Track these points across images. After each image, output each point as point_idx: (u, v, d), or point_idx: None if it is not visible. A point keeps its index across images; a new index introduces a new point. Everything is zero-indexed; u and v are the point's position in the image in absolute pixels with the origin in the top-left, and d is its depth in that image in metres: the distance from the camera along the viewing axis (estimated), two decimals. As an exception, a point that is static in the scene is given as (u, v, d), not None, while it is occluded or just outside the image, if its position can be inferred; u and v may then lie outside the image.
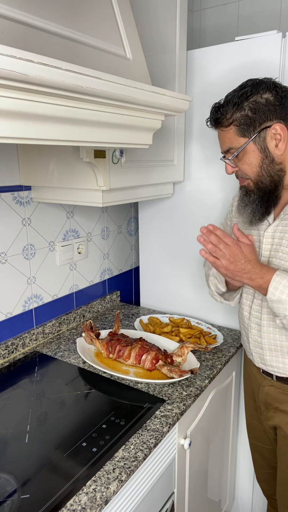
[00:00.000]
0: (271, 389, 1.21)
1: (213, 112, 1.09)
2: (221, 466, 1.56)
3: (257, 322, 1.17)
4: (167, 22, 1.38)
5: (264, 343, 1.16)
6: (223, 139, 1.10)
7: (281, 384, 1.18)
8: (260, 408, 1.28)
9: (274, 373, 1.18)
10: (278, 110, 1.02)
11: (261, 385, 1.24)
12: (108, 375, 1.27)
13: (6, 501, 0.83)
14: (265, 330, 1.16)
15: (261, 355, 1.19)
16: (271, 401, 1.22)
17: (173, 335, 1.53)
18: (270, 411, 1.23)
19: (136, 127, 1.01)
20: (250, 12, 1.91)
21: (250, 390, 1.33)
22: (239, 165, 1.09)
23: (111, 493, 0.86)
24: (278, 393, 1.19)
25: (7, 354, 1.39)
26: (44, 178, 1.33)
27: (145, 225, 1.80)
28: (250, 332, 1.21)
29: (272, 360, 1.16)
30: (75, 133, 0.84)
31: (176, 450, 1.17)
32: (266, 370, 1.20)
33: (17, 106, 0.70)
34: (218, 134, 1.13)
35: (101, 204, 1.26)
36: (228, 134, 1.08)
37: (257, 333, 1.18)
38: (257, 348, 1.19)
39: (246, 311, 1.23)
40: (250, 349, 1.22)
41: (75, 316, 1.68)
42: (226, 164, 1.13)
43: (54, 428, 1.05)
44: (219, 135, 1.12)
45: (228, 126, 1.07)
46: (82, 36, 0.90)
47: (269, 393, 1.22)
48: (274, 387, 1.20)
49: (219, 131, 1.11)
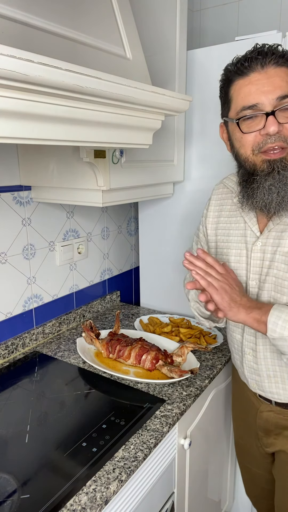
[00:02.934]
0: (270, 414, 1.11)
1: (274, 47, 0.87)
2: (221, 466, 1.56)
3: (252, 347, 1.05)
4: (167, 22, 1.38)
5: (262, 370, 1.05)
6: (284, 80, 0.85)
7: (281, 409, 1.08)
8: (257, 434, 1.17)
9: (273, 399, 1.08)
10: None
11: (258, 411, 1.14)
12: (108, 375, 1.27)
13: (6, 501, 0.83)
14: (261, 356, 1.04)
15: (259, 382, 1.08)
16: (272, 427, 1.12)
17: (173, 335, 1.53)
18: (271, 438, 1.13)
19: (136, 127, 1.01)
20: (250, 12, 1.91)
21: (243, 413, 1.23)
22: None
23: (111, 493, 0.86)
24: (279, 419, 1.09)
25: (7, 354, 1.39)
26: (44, 178, 1.33)
27: (145, 225, 1.80)
28: (244, 357, 1.09)
29: (272, 386, 1.05)
30: (75, 133, 0.84)
31: (176, 450, 1.17)
32: (264, 396, 1.09)
33: (17, 106, 0.70)
34: (267, 75, 0.86)
35: (101, 204, 1.26)
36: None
37: (252, 359, 1.06)
38: (253, 374, 1.08)
39: (238, 333, 1.10)
40: (245, 374, 1.11)
41: (75, 316, 1.68)
42: (269, 120, 0.85)
43: (54, 428, 1.05)
44: (274, 75, 0.86)
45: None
46: (82, 36, 0.90)
47: (268, 419, 1.12)
48: (274, 412, 1.10)
49: (275, 71, 0.86)
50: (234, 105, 0.92)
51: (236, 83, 0.90)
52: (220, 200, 1.16)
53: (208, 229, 1.17)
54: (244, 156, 0.93)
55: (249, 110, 0.88)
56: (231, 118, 0.93)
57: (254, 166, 0.92)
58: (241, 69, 0.88)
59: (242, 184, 0.98)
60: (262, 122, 0.87)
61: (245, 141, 0.91)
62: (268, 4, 1.85)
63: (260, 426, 1.16)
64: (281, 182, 0.89)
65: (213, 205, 1.17)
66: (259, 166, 0.91)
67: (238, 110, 0.90)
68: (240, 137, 0.92)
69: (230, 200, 1.12)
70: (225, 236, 1.10)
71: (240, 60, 0.89)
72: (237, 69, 0.89)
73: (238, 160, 0.97)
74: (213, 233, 1.15)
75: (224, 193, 1.15)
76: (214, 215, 1.16)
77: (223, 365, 1.36)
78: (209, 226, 1.16)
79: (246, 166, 0.94)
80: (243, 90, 0.88)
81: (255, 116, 0.87)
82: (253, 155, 0.91)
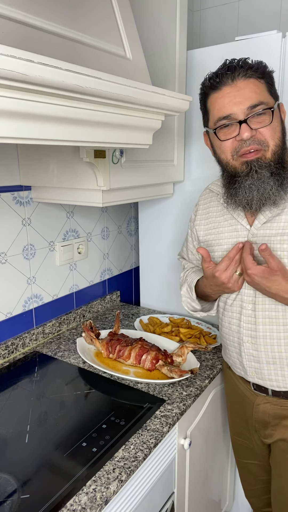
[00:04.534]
0: (267, 406, 1.14)
1: (242, 61, 0.95)
2: (221, 466, 1.56)
3: (251, 334, 1.09)
4: (167, 22, 1.38)
5: (261, 356, 1.08)
6: (253, 91, 0.94)
7: (278, 399, 1.11)
8: (254, 427, 1.20)
9: (271, 388, 1.10)
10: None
11: (254, 404, 1.16)
12: (108, 375, 1.27)
13: (6, 501, 0.83)
14: (261, 342, 1.07)
15: (258, 369, 1.10)
16: (269, 419, 1.14)
17: (173, 335, 1.53)
18: (268, 429, 1.16)
19: (136, 127, 1.01)
20: (250, 12, 1.91)
21: (239, 409, 1.25)
22: (263, 129, 0.95)
23: (111, 493, 0.86)
24: (276, 409, 1.12)
25: (7, 354, 1.39)
26: (44, 178, 1.33)
27: (145, 225, 1.80)
28: (242, 346, 1.12)
29: (271, 373, 1.08)
30: (75, 133, 0.84)
31: (176, 450, 1.17)
32: (262, 385, 1.12)
33: (17, 106, 0.70)
34: (237, 88, 0.94)
35: (101, 204, 1.26)
36: (260, 86, 0.95)
37: (251, 346, 1.09)
38: (252, 362, 1.11)
39: (234, 324, 1.13)
40: (244, 364, 1.13)
41: (75, 316, 1.68)
42: (242, 127, 0.94)
43: (54, 428, 1.05)
44: (244, 87, 0.94)
45: (261, 78, 0.95)
46: (82, 36, 0.90)
47: (265, 411, 1.14)
48: (271, 404, 1.13)
49: (244, 83, 0.94)
50: (211, 116, 1.01)
51: (211, 97, 1.00)
52: (207, 203, 1.23)
53: (197, 231, 1.23)
54: (225, 160, 1.02)
55: (224, 120, 0.97)
56: (210, 128, 1.03)
57: (235, 169, 1.01)
58: (214, 84, 0.98)
59: (226, 185, 1.06)
60: (237, 130, 0.96)
61: (224, 147, 1.00)
62: (268, 4, 1.85)
63: (257, 419, 1.17)
64: (259, 180, 0.97)
65: (200, 209, 1.24)
66: (239, 168, 1.00)
67: (215, 120, 0.99)
68: (219, 144, 1.01)
69: (216, 202, 1.19)
70: (215, 234, 1.16)
71: (212, 76, 0.98)
72: (211, 84, 0.99)
73: (221, 165, 1.06)
74: (203, 233, 1.21)
75: (210, 197, 1.23)
76: (202, 218, 1.23)
77: (223, 365, 1.36)
78: (198, 228, 1.23)
79: (228, 169, 1.03)
80: (217, 103, 0.98)
81: (231, 125, 0.97)
82: (233, 160, 1.00)
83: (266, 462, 1.26)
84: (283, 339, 1.05)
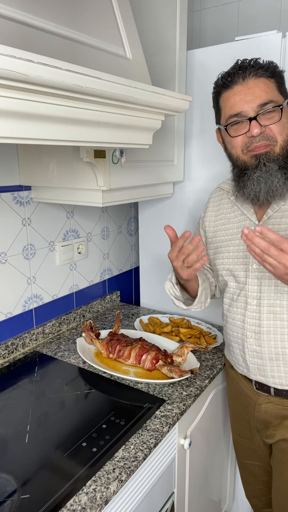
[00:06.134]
0: (269, 406, 1.14)
1: (253, 61, 0.99)
2: (221, 466, 1.56)
3: (255, 330, 1.10)
4: (167, 22, 1.38)
5: (265, 352, 1.09)
6: (263, 90, 0.98)
7: (280, 399, 1.12)
8: (256, 427, 1.20)
9: (274, 385, 1.11)
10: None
11: (256, 404, 1.17)
12: (108, 375, 1.27)
13: (6, 501, 0.83)
14: (265, 338, 1.08)
15: (261, 366, 1.11)
16: (271, 419, 1.15)
17: (173, 335, 1.53)
18: (270, 429, 1.16)
19: (136, 127, 1.01)
20: (250, 12, 1.91)
21: (241, 409, 1.25)
22: (272, 126, 0.98)
23: (111, 493, 0.86)
24: (278, 409, 1.12)
25: (7, 354, 1.39)
26: (44, 178, 1.33)
27: (145, 225, 1.80)
28: (246, 342, 1.12)
29: (273, 370, 1.09)
30: (75, 133, 0.84)
31: (176, 450, 1.17)
32: (265, 382, 1.12)
33: (17, 106, 0.70)
34: (248, 86, 0.99)
35: (101, 204, 1.26)
36: (270, 85, 0.99)
37: (255, 341, 1.10)
38: (255, 358, 1.11)
39: (238, 320, 1.14)
40: (247, 361, 1.14)
41: (75, 316, 1.68)
42: (252, 124, 0.98)
43: (54, 428, 1.05)
44: (254, 86, 0.98)
45: (272, 77, 0.99)
46: (82, 36, 0.90)
47: (267, 411, 1.15)
48: (273, 404, 1.13)
49: (255, 82, 0.98)
50: (223, 114, 1.05)
51: (223, 95, 1.04)
52: (217, 201, 1.26)
53: (206, 227, 1.26)
54: (236, 156, 1.06)
55: (235, 117, 1.01)
56: (222, 125, 1.07)
57: (245, 163, 1.04)
58: (226, 83, 1.02)
59: (236, 179, 1.09)
60: (247, 126, 1.00)
61: (235, 143, 1.04)
62: (268, 4, 1.85)
63: (259, 419, 1.18)
64: (267, 173, 1.01)
65: (211, 207, 1.27)
66: (249, 162, 1.03)
67: (227, 117, 1.04)
68: (230, 140, 1.05)
69: (227, 199, 1.22)
70: (224, 230, 1.19)
71: (225, 76, 1.03)
72: (223, 83, 1.03)
73: (231, 160, 1.09)
74: (212, 229, 1.23)
75: (221, 195, 1.26)
76: (212, 215, 1.25)
77: (223, 365, 1.36)
78: (208, 224, 1.25)
79: (238, 164, 1.06)
80: (229, 101, 1.02)
81: (241, 122, 1.01)
82: (243, 154, 1.04)
83: (267, 463, 1.26)
84: (286, 335, 1.06)
